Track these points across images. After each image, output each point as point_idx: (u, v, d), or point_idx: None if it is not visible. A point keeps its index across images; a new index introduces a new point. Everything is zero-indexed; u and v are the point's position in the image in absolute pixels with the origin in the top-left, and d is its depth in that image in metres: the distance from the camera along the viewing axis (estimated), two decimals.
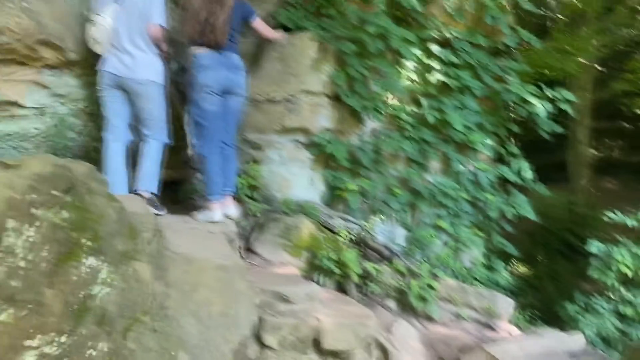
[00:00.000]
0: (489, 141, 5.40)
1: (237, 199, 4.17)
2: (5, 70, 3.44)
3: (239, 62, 3.82)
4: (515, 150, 5.67)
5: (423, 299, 4.05)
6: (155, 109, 3.68)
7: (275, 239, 3.99)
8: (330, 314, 3.02)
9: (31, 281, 1.52)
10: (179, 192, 4.34)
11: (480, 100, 5.53)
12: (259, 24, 4.05)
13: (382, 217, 4.84)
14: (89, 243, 1.81)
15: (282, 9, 4.74)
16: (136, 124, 3.73)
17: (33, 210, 1.53)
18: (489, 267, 5.42)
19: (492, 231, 5.52)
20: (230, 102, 3.82)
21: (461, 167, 5.33)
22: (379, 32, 4.48)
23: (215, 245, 3.07)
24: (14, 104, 3.55)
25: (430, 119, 4.99)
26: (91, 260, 1.82)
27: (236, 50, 3.85)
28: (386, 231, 5.14)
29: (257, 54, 4.38)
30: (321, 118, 4.53)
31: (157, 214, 3.33)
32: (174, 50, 4.14)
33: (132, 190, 3.56)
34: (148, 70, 3.63)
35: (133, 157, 3.72)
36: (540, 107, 5.24)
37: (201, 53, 3.68)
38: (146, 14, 3.57)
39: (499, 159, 5.74)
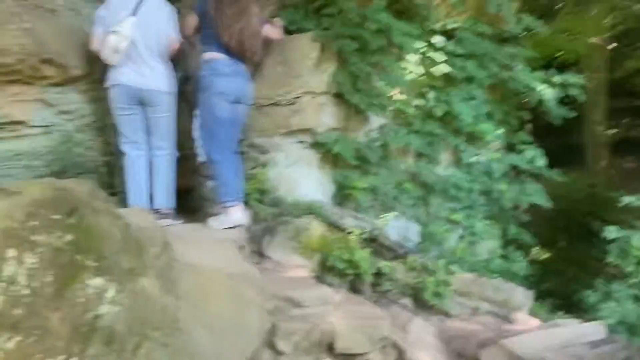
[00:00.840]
0: (499, 130, 5.34)
1: (247, 203, 4.19)
2: (11, 91, 3.49)
3: (246, 71, 3.85)
4: (526, 138, 5.60)
5: (439, 295, 4.02)
6: (169, 120, 3.77)
7: (286, 242, 3.98)
8: (344, 317, 3.01)
9: (35, 307, 1.53)
10: (189, 201, 4.35)
11: (488, 89, 5.47)
12: (269, 30, 4.07)
13: (394, 213, 4.81)
14: (93, 264, 1.82)
15: (283, 11, 4.72)
16: (148, 136, 3.79)
17: (33, 237, 1.54)
18: (506, 258, 5.37)
19: (508, 221, 5.46)
20: (238, 110, 3.84)
21: (472, 158, 5.28)
22: (379, 28, 4.45)
23: (225, 253, 3.07)
24: (22, 123, 3.59)
25: (437, 112, 4.96)
26: (97, 281, 1.83)
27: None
28: (400, 228, 5.12)
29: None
30: (326, 117, 4.52)
31: (171, 224, 3.50)
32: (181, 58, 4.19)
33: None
34: (164, 81, 3.71)
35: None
36: (549, 93, 5.16)
37: (219, 59, 3.69)
38: (160, 27, 3.67)
39: (511, 148, 5.68)
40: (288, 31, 4.65)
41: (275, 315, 2.95)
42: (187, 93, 4.19)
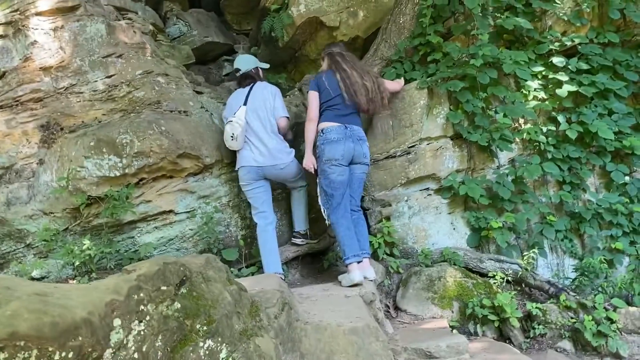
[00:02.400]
0: None
1: (376, 258, 4.21)
2: (158, 185, 4.04)
3: (360, 133, 3.99)
4: None
5: (602, 334, 3.57)
6: (295, 172, 4.21)
7: (419, 292, 3.89)
8: None
9: None
10: (323, 262, 4.50)
11: (631, 100, 4.93)
12: (389, 85, 4.37)
13: (540, 250, 4.43)
14: (204, 328, 2.00)
15: (388, 67, 4.85)
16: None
17: (141, 307, 1.76)
18: None
19: None
20: (356, 171, 3.96)
21: (625, 177, 4.71)
22: (487, 62, 4.34)
23: (350, 309, 3.10)
24: (170, 212, 4.11)
25: (572, 134, 4.57)
26: (208, 343, 1.99)
27: (359, 122, 4.05)
28: (552, 265, 4.70)
29: (368, 116, 4.51)
30: (447, 161, 4.43)
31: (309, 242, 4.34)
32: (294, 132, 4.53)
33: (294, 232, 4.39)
34: (283, 154, 4.08)
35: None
36: None
37: (329, 127, 3.89)
38: (270, 108, 4.09)
39: None
40: None
41: None
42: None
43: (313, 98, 3.97)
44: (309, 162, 3.93)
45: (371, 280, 3.73)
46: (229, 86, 5.84)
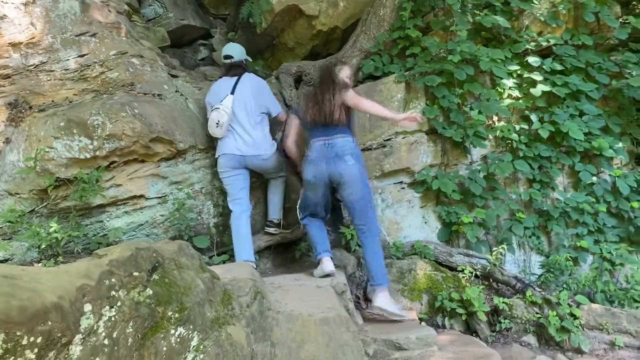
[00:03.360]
0: (619, 144, 4.85)
1: (348, 250, 4.22)
2: (129, 169, 3.95)
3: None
4: None
5: (565, 330, 3.67)
6: (276, 165, 4.20)
7: (390, 285, 3.92)
8: (448, 358, 2.87)
9: (118, 356, 1.68)
10: (295, 252, 4.49)
11: (601, 102, 5.05)
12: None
13: (509, 246, 4.52)
14: (176, 315, 1.97)
15: (366, 59, 4.85)
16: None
17: (112, 293, 1.72)
18: None
19: None
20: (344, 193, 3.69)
21: (593, 177, 4.84)
22: (464, 58, 4.38)
23: (321, 299, 3.10)
24: (141, 197, 4.03)
25: (543, 133, 4.66)
26: (180, 330, 1.96)
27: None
28: (519, 261, 4.80)
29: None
30: (421, 155, 4.47)
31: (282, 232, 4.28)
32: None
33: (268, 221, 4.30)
34: (267, 145, 4.07)
35: None
36: None
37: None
38: (257, 100, 4.08)
39: (638, 161, 5.11)
40: (374, 77, 4.77)
41: (377, 358, 2.89)
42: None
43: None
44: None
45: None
46: (204, 71, 5.74)
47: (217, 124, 3.95)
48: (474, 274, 4.15)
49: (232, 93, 4.05)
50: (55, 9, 3.91)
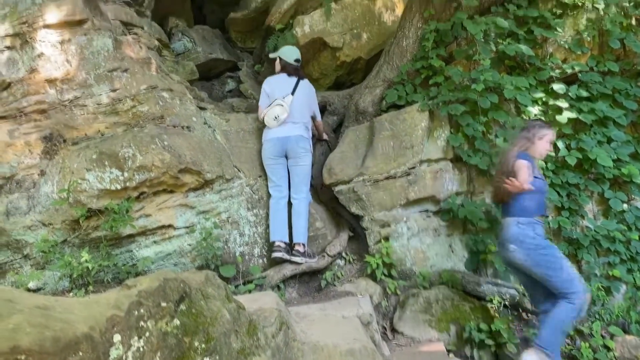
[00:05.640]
0: None
1: (374, 279, 4.20)
2: (158, 200, 4.04)
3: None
4: None
5: None
6: (305, 171, 4.52)
7: (416, 315, 3.88)
8: None
9: None
10: (320, 281, 4.48)
11: (630, 128, 4.98)
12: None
13: None
14: (202, 345, 1.99)
15: (390, 89, 4.90)
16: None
17: (141, 323, 1.75)
18: None
19: None
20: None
21: (623, 205, 4.74)
22: (488, 87, 4.39)
23: (346, 330, 3.09)
24: (170, 226, 4.10)
25: (571, 160, 4.60)
26: None
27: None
28: None
29: (369, 136, 4.55)
30: (446, 183, 4.46)
31: (309, 261, 4.33)
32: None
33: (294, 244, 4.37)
34: (301, 131, 4.50)
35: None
36: None
37: None
38: (309, 103, 4.65)
39: None
40: (397, 106, 4.81)
41: None
42: None
43: None
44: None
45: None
46: (231, 102, 5.88)
47: (276, 118, 4.40)
48: (502, 304, 4.07)
49: (292, 94, 4.50)
50: (90, 47, 4.08)
